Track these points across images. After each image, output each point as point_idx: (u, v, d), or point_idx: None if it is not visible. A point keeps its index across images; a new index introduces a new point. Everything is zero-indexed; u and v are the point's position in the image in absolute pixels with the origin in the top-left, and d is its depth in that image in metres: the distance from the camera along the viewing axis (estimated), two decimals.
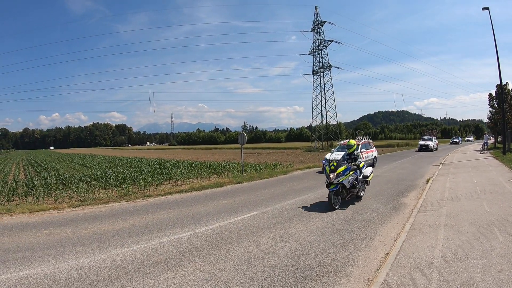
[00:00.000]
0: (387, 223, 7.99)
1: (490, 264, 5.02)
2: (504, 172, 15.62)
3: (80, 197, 12.05)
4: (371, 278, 4.91)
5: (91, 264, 5.67)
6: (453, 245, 5.95)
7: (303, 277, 4.96)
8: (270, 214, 9.11)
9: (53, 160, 46.17)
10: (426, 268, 4.99)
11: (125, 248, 6.45)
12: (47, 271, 5.39)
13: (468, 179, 14.08)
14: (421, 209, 8.93)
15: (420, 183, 14.18)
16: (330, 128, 62.76)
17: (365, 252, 6.03)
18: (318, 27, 59.34)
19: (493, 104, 41.97)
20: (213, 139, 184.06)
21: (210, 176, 18.49)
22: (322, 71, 60.08)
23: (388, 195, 11.52)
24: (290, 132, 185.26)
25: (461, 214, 8.10)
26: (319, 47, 59.74)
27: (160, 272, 5.27)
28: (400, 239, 6.49)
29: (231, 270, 5.28)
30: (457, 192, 11.06)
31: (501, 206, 8.68)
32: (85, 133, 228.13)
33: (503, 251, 5.53)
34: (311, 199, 11.17)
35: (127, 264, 5.64)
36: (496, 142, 44.96)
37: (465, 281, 4.47)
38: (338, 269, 5.25)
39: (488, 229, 6.78)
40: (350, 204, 10.05)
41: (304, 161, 29.75)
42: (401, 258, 5.44)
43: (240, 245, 6.55)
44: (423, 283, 4.49)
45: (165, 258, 5.93)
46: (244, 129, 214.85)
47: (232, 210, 9.66)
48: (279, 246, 6.39)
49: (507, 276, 4.57)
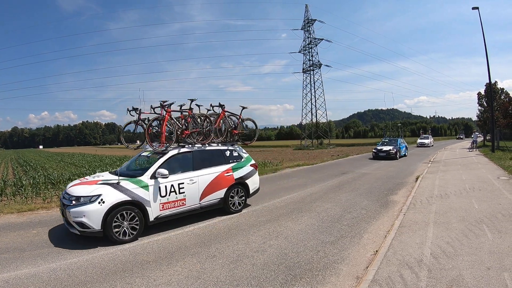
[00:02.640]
0: (376, 221, 8.01)
1: (479, 261, 5.03)
2: (493, 170, 15.74)
3: None
4: (361, 275, 4.90)
5: (80, 264, 5.60)
6: (442, 242, 5.97)
7: (292, 276, 4.94)
8: (259, 212, 9.09)
9: (42, 159, 45.71)
10: (416, 265, 4.99)
11: (114, 248, 6.37)
12: (35, 271, 5.30)
13: (457, 176, 14.17)
14: (411, 206, 8.95)
15: (409, 181, 14.25)
16: (320, 126, 63.16)
17: (355, 250, 6.03)
18: (308, 25, 59.67)
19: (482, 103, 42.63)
20: None
21: None
22: (312, 69, 60.48)
23: (378, 193, 11.55)
24: (280, 130, 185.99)
25: (450, 212, 8.14)
26: (309, 45, 60.11)
27: (149, 272, 5.22)
28: (390, 236, 6.49)
29: (220, 269, 5.25)
30: (446, 189, 11.11)
31: (490, 203, 8.73)
32: (74, 132, 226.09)
33: (492, 248, 5.56)
34: (300, 197, 11.17)
35: (116, 264, 5.58)
36: (485, 140, 45.58)
37: (454, 278, 4.48)
38: (327, 267, 5.24)
39: (477, 226, 6.82)
40: (339, 202, 10.08)
41: (294, 159, 29.82)
42: (391, 256, 5.44)
43: (229, 243, 6.51)
44: (413, 280, 4.48)
45: (154, 257, 5.87)
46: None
47: (221, 209, 9.59)
48: (268, 245, 6.36)
49: (496, 272, 4.59)
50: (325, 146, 55.06)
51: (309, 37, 59.89)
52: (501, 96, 41.54)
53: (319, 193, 11.85)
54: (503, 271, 4.62)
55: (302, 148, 55.16)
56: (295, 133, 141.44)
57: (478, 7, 25.67)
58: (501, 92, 42.64)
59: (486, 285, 4.26)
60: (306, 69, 60.80)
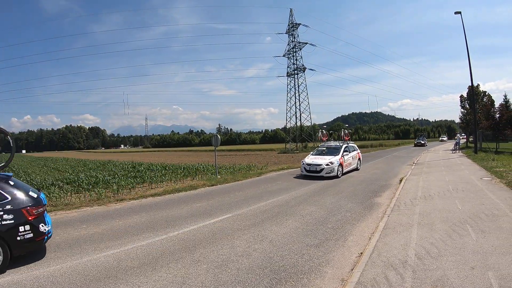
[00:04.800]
0: (361, 223, 8.04)
1: (463, 260, 5.07)
2: (475, 171, 15.99)
3: (52, 202, 11.62)
4: (346, 278, 4.89)
5: (63, 271, 5.48)
6: (427, 243, 6.01)
7: (277, 279, 4.90)
8: (244, 216, 9.03)
9: (25, 164, 44.79)
10: (400, 266, 5.01)
11: (98, 254, 6.26)
12: (18, 279, 5.17)
13: (441, 178, 14.34)
14: (395, 208, 9.01)
15: (393, 183, 14.38)
16: (305, 130, 63.34)
17: (339, 252, 6.03)
18: (293, 29, 59.75)
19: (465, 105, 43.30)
20: (188, 142, 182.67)
21: (184, 179, 18.24)
22: (296, 73, 60.51)
23: (362, 195, 11.62)
24: (264, 134, 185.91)
25: (434, 213, 8.21)
26: (293, 49, 60.15)
27: (133, 278, 5.13)
28: (374, 238, 6.51)
29: (205, 274, 5.18)
30: (430, 191, 11.23)
31: (473, 204, 8.84)
32: (58, 136, 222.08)
33: (475, 247, 5.61)
34: (285, 200, 11.17)
35: (100, 270, 5.47)
36: (468, 142, 46.34)
37: (439, 278, 4.50)
38: (312, 270, 5.22)
39: (460, 226, 6.89)
40: (324, 205, 10.11)
41: (279, 162, 29.87)
42: (375, 257, 5.45)
43: (214, 248, 6.44)
44: (398, 282, 4.49)
45: (138, 263, 5.77)
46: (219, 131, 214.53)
47: (206, 213, 9.52)
48: (253, 248, 6.32)
49: (480, 272, 4.63)
50: (309, 150, 55.06)
51: (293, 41, 59.98)
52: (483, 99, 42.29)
53: (303, 196, 11.86)
54: (487, 270, 4.66)
55: (286, 151, 55.16)
56: (280, 137, 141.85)
57: (461, 12, 26.16)
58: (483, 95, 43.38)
59: (471, 285, 4.28)
60: (291, 72, 60.82)
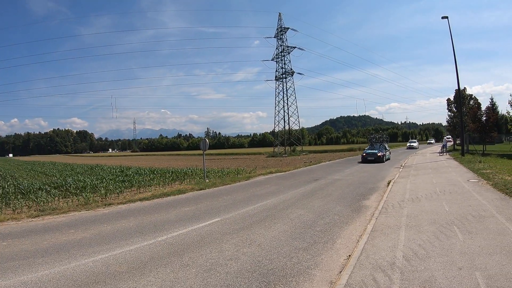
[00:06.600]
0: (349, 226, 8.08)
1: (451, 261, 5.11)
2: (462, 173, 16.19)
3: (39, 207, 11.48)
4: (334, 280, 4.90)
5: (51, 276, 5.39)
6: (414, 244, 6.05)
7: (266, 282, 4.89)
8: (232, 220, 9.02)
9: (12, 168, 44.23)
10: (388, 268, 5.03)
11: (86, 259, 6.17)
12: (5, 285, 5.08)
13: (428, 180, 14.49)
14: (382, 211, 9.08)
15: (381, 186, 14.50)
16: (293, 133, 63.56)
17: (328, 255, 6.05)
18: (281, 33, 60.01)
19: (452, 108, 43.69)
20: (176, 146, 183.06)
21: (173, 183, 18.16)
22: (284, 77, 60.79)
23: (350, 198, 11.69)
24: (253, 138, 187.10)
25: (422, 215, 8.29)
26: (282, 53, 60.44)
27: (122, 283, 5.07)
28: (362, 241, 6.54)
29: (194, 278, 5.15)
30: (418, 193, 11.33)
31: (460, 206, 8.94)
32: (45, 140, 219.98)
33: (463, 248, 5.67)
34: (273, 204, 11.18)
35: (88, 276, 5.39)
36: (455, 144, 46.96)
37: (426, 279, 4.53)
38: (301, 273, 5.22)
39: (448, 228, 6.95)
40: (312, 208, 10.14)
41: (267, 166, 30.00)
42: (363, 260, 5.47)
43: (203, 252, 6.41)
44: (386, 283, 4.51)
45: (126, 268, 5.71)
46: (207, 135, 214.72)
47: (194, 217, 9.48)
48: (242, 252, 6.30)
49: (467, 272, 4.66)
50: (298, 153, 55.27)
51: (282, 45, 60.19)
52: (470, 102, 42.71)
53: (292, 199, 11.89)
54: (475, 271, 4.70)
55: (275, 155, 55.30)
56: (268, 140, 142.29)
57: (448, 17, 26.56)
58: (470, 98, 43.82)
59: (458, 285, 4.32)
60: (279, 76, 60.99)
